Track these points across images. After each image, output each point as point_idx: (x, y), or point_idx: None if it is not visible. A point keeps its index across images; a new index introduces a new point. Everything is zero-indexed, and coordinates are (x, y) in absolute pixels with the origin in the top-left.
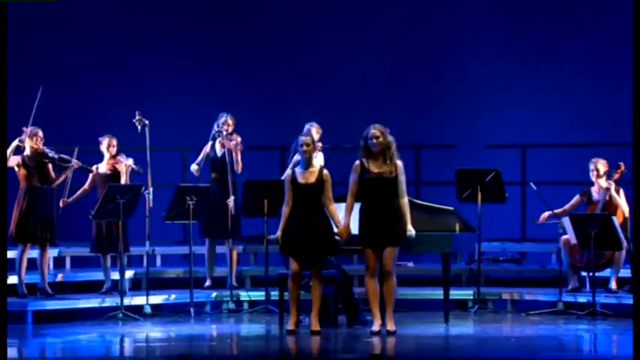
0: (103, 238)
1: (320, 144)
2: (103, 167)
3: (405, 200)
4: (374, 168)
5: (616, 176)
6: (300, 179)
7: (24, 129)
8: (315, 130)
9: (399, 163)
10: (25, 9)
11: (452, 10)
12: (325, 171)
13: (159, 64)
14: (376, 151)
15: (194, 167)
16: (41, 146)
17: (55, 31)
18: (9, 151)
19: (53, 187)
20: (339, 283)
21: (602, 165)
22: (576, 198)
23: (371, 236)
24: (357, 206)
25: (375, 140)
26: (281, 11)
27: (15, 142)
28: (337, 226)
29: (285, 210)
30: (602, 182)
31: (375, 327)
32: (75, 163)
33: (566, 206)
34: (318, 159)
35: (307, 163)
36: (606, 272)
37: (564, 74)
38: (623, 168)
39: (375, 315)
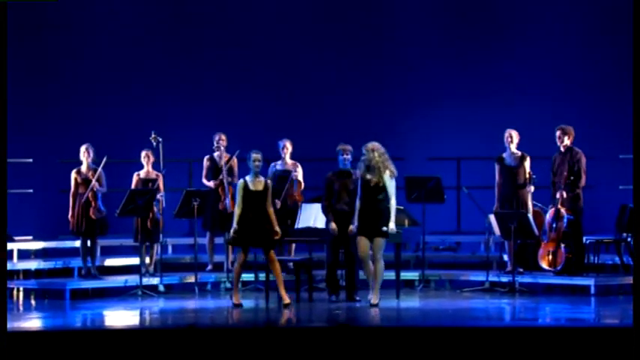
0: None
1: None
2: (142, 174)
3: (357, 202)
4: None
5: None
6: (251, 187)
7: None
8: (288, 144)
9: (358, 173)
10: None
11: (403, 47)
12: (269, 181)
13: (172, 92)
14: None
15: (210, 183)
16: None
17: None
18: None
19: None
20: (348, 263)
21: (515, 134)
22: (496, 168)
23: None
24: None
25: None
26: (277, 59)
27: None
28: (274, 225)
29: (237, 211)
30: (514, 148)
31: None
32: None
33: (497, 179)
34: (299, 171)
35: (256, 174)
36: None
37: (490, 101)
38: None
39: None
